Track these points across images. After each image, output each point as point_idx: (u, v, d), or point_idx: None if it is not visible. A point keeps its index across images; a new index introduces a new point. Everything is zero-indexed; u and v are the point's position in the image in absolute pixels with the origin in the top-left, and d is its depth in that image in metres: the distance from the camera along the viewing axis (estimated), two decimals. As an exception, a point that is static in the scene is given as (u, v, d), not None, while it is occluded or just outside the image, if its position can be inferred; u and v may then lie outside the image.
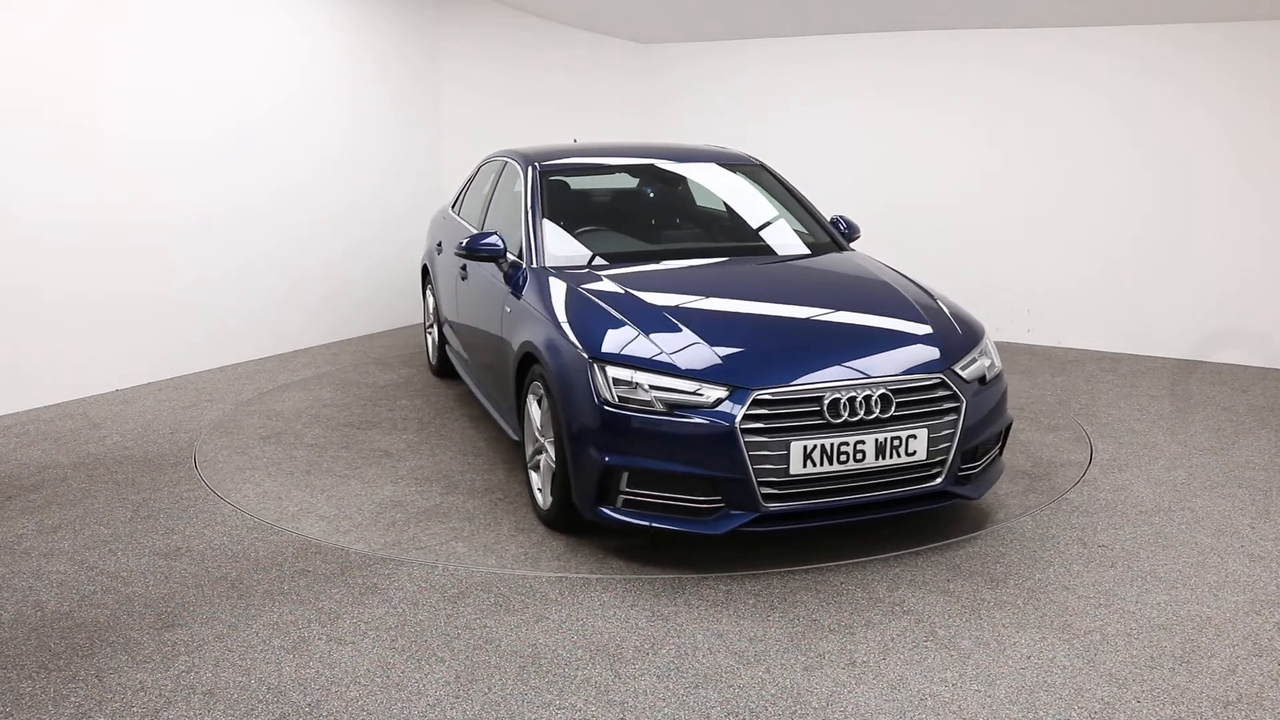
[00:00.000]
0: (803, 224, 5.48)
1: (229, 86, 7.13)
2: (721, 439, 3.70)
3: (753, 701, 3.04)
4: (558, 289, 4.54)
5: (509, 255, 5.10)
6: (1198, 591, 3.76)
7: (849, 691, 3.09)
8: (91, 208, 6.32)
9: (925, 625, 3.50)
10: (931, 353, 4.07)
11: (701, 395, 3.76)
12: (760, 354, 3.97)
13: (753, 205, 5.70)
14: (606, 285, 4.52)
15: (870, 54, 8.55)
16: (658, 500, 3.86)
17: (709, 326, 4.10)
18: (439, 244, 6.71)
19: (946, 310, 4.45)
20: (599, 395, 3.87)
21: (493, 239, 5.07)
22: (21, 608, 3.64)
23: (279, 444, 5.61)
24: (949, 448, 3.95)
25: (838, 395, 3.78)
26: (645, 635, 3.44)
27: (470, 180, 6.74)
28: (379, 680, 3.16)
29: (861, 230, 5.92)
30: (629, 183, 6.02)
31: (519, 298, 4.71)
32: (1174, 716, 2.97)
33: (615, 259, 4.98)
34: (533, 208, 5.19)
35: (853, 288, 4.70)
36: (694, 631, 3.46)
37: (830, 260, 5.10)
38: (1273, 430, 5.77)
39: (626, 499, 3.89)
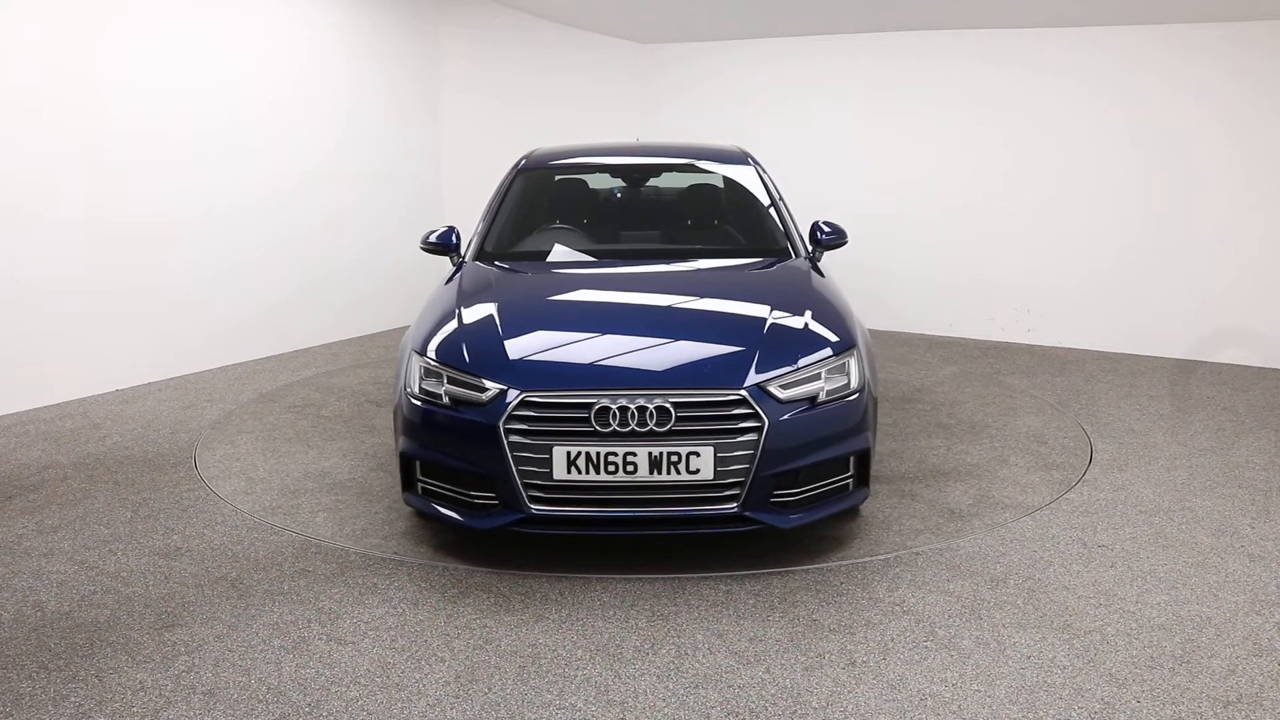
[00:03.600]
0: (768, 229, 5.28)
1: (229, 86, 7.13)
2: (486, 437, 3.73)
3: (753, 701, 3.04)
4: (451, 284, 4.68)
5: (461, 250, 5.19)
6: (1198, 591, 3.76)
7: (849, 691, 3.09)
8: (91, 207, 6.33)
9: (925, 625, 3.50)
10: (742, 367, 3.79)
11: (481, 393, 3.79)
12: (551, 356, 3.95)
13: (723, 209, 5.67)
14: (482, 282, 4.61)
15: (870, 54, 8.55)
16: (445, 491, 3.97)
17: (525, 327, 4.12)
18: None
19: (808, 323, 4.12)
20: (408, 385, 4.05)
21: (447, 234, 5.17)
22: (21, 608, 3.64)
23: (300, 413, 5.93)
24: (747, 470, 3.70)
25: (608, 403, 3.66)
26: (645, 635, 3.44)
27: None
28: (379, 680, 3.16)
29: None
30: (611, 183, 6.08)
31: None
32: (1174, 716, 2.97)
33: (547, 257, 5.12)
34: (491, 204, 5.37)
35: (724, 294, 4.53)
36: (694, 631, 3.46)
37: (754, 266, 4.91)
38: (1273, 430, 5.77)
39: (424, 487, 4.05)
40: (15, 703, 3.04)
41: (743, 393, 3.71)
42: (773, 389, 3.77)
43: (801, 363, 3.89)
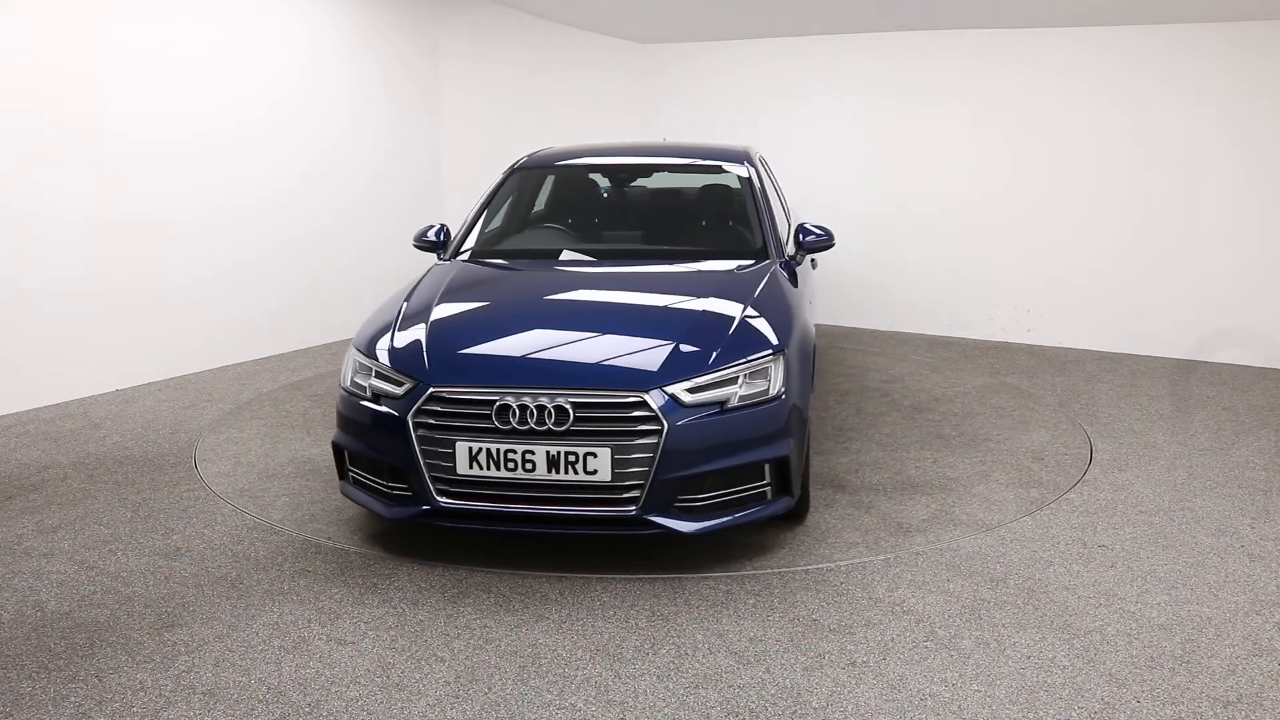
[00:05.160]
0: (749, 230, 5.24)
1: (229, 86, 7.13)
2: (395, 430, 3.83)
3: (753, 701, 3.04)
4: (409, 283, 4.78)
5: (449, 247, 5.25)
6: (1198, 591, 3.76)
7: (849, 691, 3.09)
8: (91, 207, 6.32)
9: (925, 625, 3.50)
10: (648, 370, 3.76)
11: (398, 386, 3.89)
12: (468, 354, 3.99)
13: (707, 210, 5.65)
14: (436, 281, 4.67)
15: (870, 54, 8.55)
16: (368, 481, 4.08)
17: (454, 325, 4.20)
18: None
19: (737, 326, 4.06)
20: (342, 379, 4.20)
21: (438, 232, 5.25)
22: (21, 608, 3.64)
23: (316, 400, 6.11)
24: (646, 472, 3.66)
25: (510, 401, 3.69)
26: (645, 635, 3.44)
27: None
28: (379, 680, 3.16)
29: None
30: (603, 183, 6.12)
31: None
32: (1174, 716, 2.97)
33: (523, 257, 5.21)
34: (478, 203, 5.45)
35: (666, 294, 4.52)
36: (694, 631, 3.46)
37: (720, 268, 4.82)
38: (1273, 430, 5.77)
39: (353, 477, 4.17)
40: (15, 703, 3.04)
41: (642, 395, 3.68)
42: (678, 392, 3.72)
43: (716, 365, 3.83)
